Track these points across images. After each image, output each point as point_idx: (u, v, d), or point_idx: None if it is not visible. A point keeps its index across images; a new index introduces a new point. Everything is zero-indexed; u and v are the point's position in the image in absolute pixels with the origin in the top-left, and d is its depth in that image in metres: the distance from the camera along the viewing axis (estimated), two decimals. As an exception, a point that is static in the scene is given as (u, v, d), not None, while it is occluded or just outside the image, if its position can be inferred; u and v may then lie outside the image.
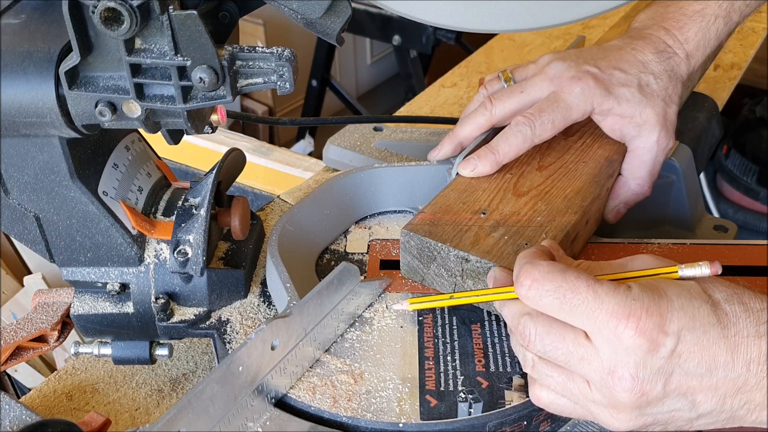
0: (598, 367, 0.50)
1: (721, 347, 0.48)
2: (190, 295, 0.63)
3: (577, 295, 0.49)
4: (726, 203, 2.17)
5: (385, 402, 0.57)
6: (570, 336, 0.51)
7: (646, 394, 0.49)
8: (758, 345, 0.48)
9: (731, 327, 0.49)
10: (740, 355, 0.48)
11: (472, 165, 0.72)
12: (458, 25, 0.48)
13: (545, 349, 0.52)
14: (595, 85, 0.72)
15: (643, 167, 0.75)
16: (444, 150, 0.76)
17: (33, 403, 0.67)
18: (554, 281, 0.50)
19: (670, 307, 0.49)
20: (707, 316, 0.49)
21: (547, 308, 0.51)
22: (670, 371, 0.49)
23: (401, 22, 2.15)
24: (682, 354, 0.48)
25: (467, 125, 0.76)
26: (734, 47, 1.27)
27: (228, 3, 0.52)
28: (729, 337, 0.49)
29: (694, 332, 0.48)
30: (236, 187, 1.08)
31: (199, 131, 0.55)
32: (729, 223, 0.85)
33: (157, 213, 0.63)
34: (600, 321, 0.49)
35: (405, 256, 0.67)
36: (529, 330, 0.52)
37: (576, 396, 0.52)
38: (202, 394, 0.51)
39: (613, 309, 0.48)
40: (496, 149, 0.72)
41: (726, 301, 0.50)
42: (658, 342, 0.48)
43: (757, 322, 0.49)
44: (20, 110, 0.52)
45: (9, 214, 0.59)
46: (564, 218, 0.67)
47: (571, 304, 0.50)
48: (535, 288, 0.51)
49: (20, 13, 0.55)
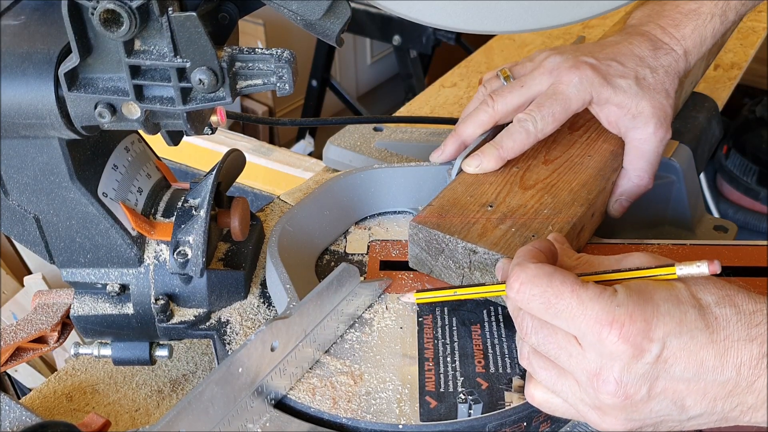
0: (585, 367, 0.50)
1: (709, 352, 0.48)
2: (189, 296, 0.63)
3: (561, 300, 0.49)
4: (726, 203, 2.17)
5: (385, 403, 0.57)
6: (561, 333, 0.51)
7: (630, 398, 0.49)
8: (749, 348, 0.48)
9: (720, 331, 0.48)
10: (730, 359, 0.48)
11: (477, 161, 0.73)
12: (457, 26, 0.48)
13: (539, 342, 0.52)
14: (593, 75, 0.72)
15: (642, 159, 0.74)
16: (447, 150, 0.76)
17: (33, 404, 0.67)
18: (540, 285, 0.50)
19: (656, 313, 0.48)
20: (694, 321, 0.49)
21: (535, 311, 0.51)
22: (656, 376, 0.49)
23: (401, 22, 2.15)
24: (668, 359, 0.48)
25: (470, 124, 0.75)
26: (734, 47, 1.27)
27: (227, 4, 0.52)
28: (718, 342, 0.48)
29: (680, 338, 0.48)
30: (236, 187, 1.08)
31: (198, 132, 0.55)
32: (729, 224, 0.85)
33: (157, 214, 0.63)
34: (584, 326, 0.49)
35: (413, 249, 0.68)
36: (526, 322, 0.53)
37: (566, 394, 0.52)
38: (202, 395, 0.51)
39: (596, 315, 0.48)
40: (501, 145, 0.73)
41: (716, 305, 0.50)
42: (642, 348, 0.48)
43: (749, 325, 0.49)
44: (20, 112, 0.52)
45: (9, 216, 0.59)
46: (570, 211, 0.68)
47: (556, 309, 0.50)
48: (522, 291, 0.51)
49: (20, 14, 0.55)
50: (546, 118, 0.72)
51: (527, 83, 0.74)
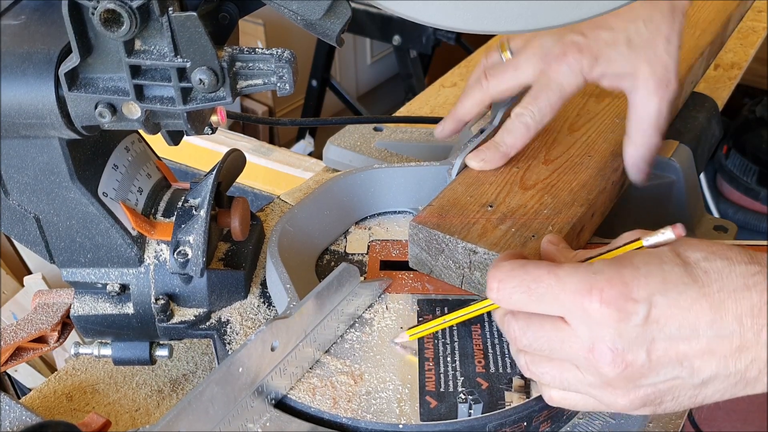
0: (579, 347, 0.49)
1: (703, 306, 0.46)
2: (190, 296, 0.63)
3: (540, 283, 0.49)
4: (726, 203, 2.18)
5: (385, 403, 0.57)
6: (548, 323, 0.50)
7: (631, 365, 0.48)
8: (747, 297, 0.46)
9: (712, 284, 0.47)
10: (728, 310, 0.46)
11: (481, 157, 0.73)
12: (457, 26, 0.48)
13: (530, 342, 0.52)
14: (581, 57, 0.71)
15: (642, 122, 0.73)
16: (446, 126, 0.78)
17: (33, 403, 0.67)
18: (516, 277, 0.50)
19: (635, 275, 0.47)
20: (681, 277, 0.47)
21: (519, 304, 0.51)
22: (651, 338, 0.47)
23: (401, 22, 2.15)
24: (659, 319, 0.47)
25: (465, 100, 0.77)
26: (734, 47, 1.27)
27: (228, 4, 0.52)
28: (710, 294, 0.46)
29: (667, 295, 0.47)
30: (236, 187, 1.08)
31: (199, 132, 0.55)
32: (729, 224, 0.85)
33: (157, 214, 0.63)
34: (567, 302, 0.48)
35: (413, 249, 0.68)
36: (513, 327, 0.52)
37: (575, 385, 0.51)
38: (202, 395, 0.51)
39: (575, 287, 0.48)
40: (502, 142, 0.73)
41: (705, 260, 0.48)
42: (627, 310, 0.47)
43: (744, 275, 0.46)
44: (20, 112, 0.52)
45: (9, 216, 0.59)
46: (570, 211, 0.68)
47: (538, 294, 0.49)
48: (501, 288, 0.51)
49: (20, 14, 0.55)
50: (543, 109, 0.72)
51: (520, 65, 0.74)
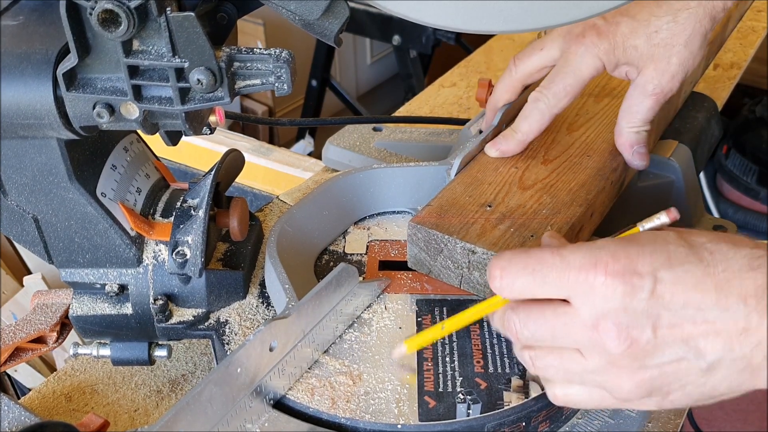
0: (582, 326, 0.48)
1: (708, 285, 0.46)
2: (188, 296, 0.63)
3: (544, 264, 0.49)
4: (726, 203, 2.18)
5: (384, 403, 0.57)
6: (549, 309, 0.50)
7: (637, 341, 0.47)
8: (752, 277, 0.45)
9: (717, 264, 0.46)
10: (732, 290, 0.46)
11: (497, 147, 0.74)
12: (457, 26, 0.48)
13: (532, 333, 0.51)
14: (599, 41, 0.71)
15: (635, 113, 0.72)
16: (487, 117, 0.79)
17: (32, 404, 0.67)
18: (520, 261, 0.50)
19: (641, 252, 0.47)
20: (686, 256, 0.47)
21: (523, 289, 0.51)
22: (656, 314, 0.47)
23: (401, 22, 2.15)
24: (664, 295, 0.47)
25: (497, 89, 0.78)
26: (734, 47, 1.27)
27: (226, 4, 0.52)
28: (715, 274, 0.46)
29: (672, 270, 0.47)
30: (236, 187, 1.08)
31: (197, 132, 0.55)
32: (729, 224, 0.84)
33: (156, 214, 0.63)
34: (572, 279, 0.48)
35: (412, 249, 0.68)
36: (513, 321, 0.52)
37: (579, 374, 0.51)
38: (200, 395, 0.51)
39: (580, 263, 0.48)
40: (519, 129, 0.74)
41: (710, 242, 0.48)
42: (633, 284, 0.46)
43: (749, 257, 0.46)
44: (18, 112, 0.52)
45: (8, 216, 0.59)
46: (569, 211, 0.68)
47: (542, 275, 0.49)
48: (505, 275, 0.51)
49: (18, 14, 0.55)
50: (558, 93, 0.72)
51: (545, 46, 0.75)
